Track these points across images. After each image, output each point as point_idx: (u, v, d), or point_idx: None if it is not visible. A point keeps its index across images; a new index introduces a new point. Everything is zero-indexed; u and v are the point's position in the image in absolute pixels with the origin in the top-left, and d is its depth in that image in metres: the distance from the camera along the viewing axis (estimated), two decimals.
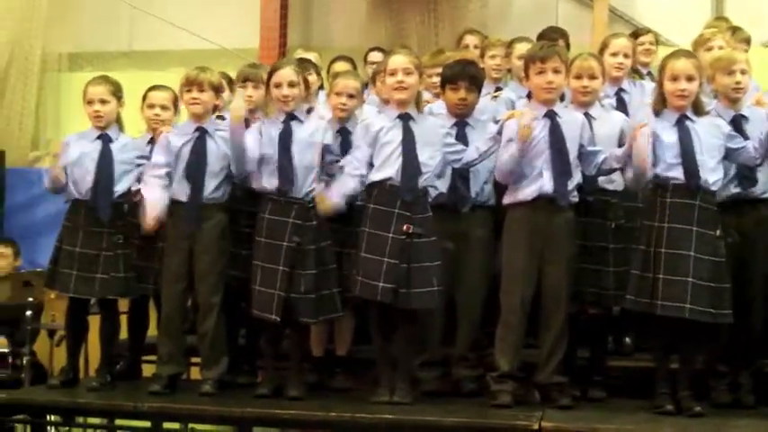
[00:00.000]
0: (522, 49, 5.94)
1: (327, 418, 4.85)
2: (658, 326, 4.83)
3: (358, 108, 5.57)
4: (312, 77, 5.88)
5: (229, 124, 5.21)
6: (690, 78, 4.81)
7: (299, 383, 5.20)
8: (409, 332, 5.08)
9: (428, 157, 5.05)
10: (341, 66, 6.45)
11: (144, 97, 5.81)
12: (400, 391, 5.00)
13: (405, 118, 5.07)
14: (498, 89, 6.11)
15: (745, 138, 4.93)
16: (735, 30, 6.36)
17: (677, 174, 4.78)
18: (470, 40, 6.78)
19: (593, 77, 5.17)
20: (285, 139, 5.18)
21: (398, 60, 5.10)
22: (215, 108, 5.51)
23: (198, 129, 5.35)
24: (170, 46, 9.05)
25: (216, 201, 5.32)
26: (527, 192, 4.93)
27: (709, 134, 4.84)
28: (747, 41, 6.33)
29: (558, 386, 4.93)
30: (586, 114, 5.14)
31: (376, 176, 5.03)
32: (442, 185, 5.28)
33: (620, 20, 8.96)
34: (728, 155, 4.89)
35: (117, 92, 5.54)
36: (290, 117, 5.23)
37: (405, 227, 4.93)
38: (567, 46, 6.27)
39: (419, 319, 5.12)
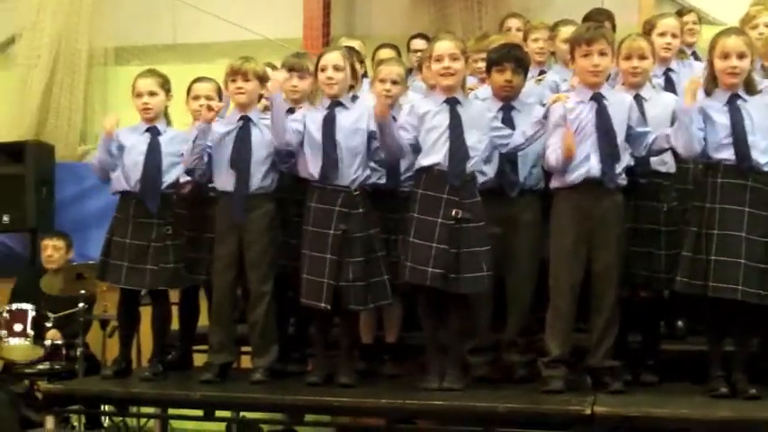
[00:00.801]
0: (566, 31, 5.88)
1: (378, 405, 4.85)
2: (711, 308, 4.78)
3: (402, 95, 5.55)
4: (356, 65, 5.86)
5: (268, 95, 5.24)
6: (741, 56, 4.73)
7: (349, 371, 5.21)
8: (459, 318, 5.07)
9: (476, 141, 5.04)
10: (385, 53, 6.44)
11: (189, 90, 5.85)
12: (451, 377, 5.00)
13: (452, 102, 5.06)
14: (542, 72, 6.07)
15: None
16: None
17: (728, 154, 4.71)
18: (513, 23, 6.74)
19: (642, 58, 5.10)
20: (329, 124, 5.18)
21: (444, 46, 5.08)
22: (260, 98, 5.52)
23: (242, 118, 5.37)
24: (213, 38, 9.08)
25: (263, 190, 5.34)
26: (574, 176, 4.90)
27: (762, 114, 4.77)
28: None
29: (610, 370, 4.89)
30: (637, 96, 5.09)
31: (424, 162, 5.03)
32: (490, 170, 5.26)
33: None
34: None
35: (165, 84, 5.59)
36: (335, 104, 5.23)
37: (453, 212, 4.92)
38: (613, 27, 6.20)
39: (469, 305, 5.11)
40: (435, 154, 5.00)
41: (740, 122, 4.72)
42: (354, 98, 5.42)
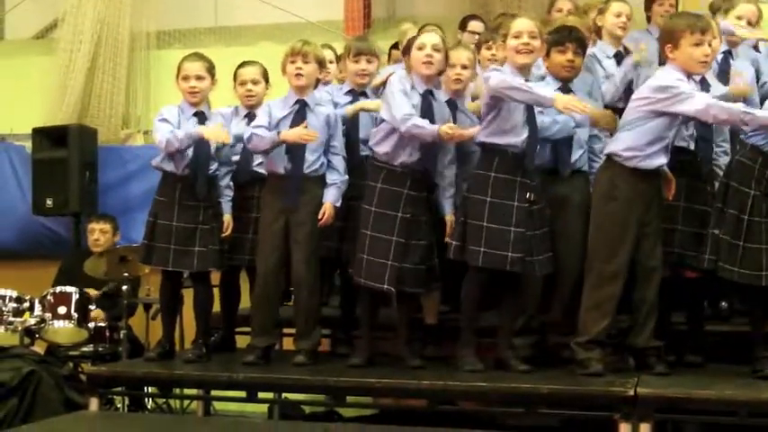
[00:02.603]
0: (618, 7, 5.91)
1: (420, 386, 4.85)
2: (755, 289, 4.73)
3: (472, 80, 5.52)
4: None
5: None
6: None
7: (415, 352, 5.25)
8: (516, 299, 5.11)
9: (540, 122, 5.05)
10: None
11: (235, 76, 5.86)
12: (512, 360, 5.03)
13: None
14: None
15: None
16: None
17: None
18: (564, 4, 6.67)
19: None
20: (428, 111, 5.17)
21: (524, 24, 5.03)
22: (317, 82, 5.53)
23: (298, 101, 5.38)
24: (255, 20, 9.08)
25: (314, 174, 5.35)
26: (656, 162, 4.83)
27: None
28: None
29: (655, 351, 4.86)
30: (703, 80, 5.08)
31: (500, 141, 4.99)
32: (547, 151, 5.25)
33: None
34: None
35: (211, 69, 5.60)
36: (429, 92, 5.22)
37: (528, 195, 4.94)
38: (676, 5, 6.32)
39: (523, 287, 5.11)
40: (515, 136, 4.97)
41: None
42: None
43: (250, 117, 5.70)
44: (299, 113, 5.37)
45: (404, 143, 5.12)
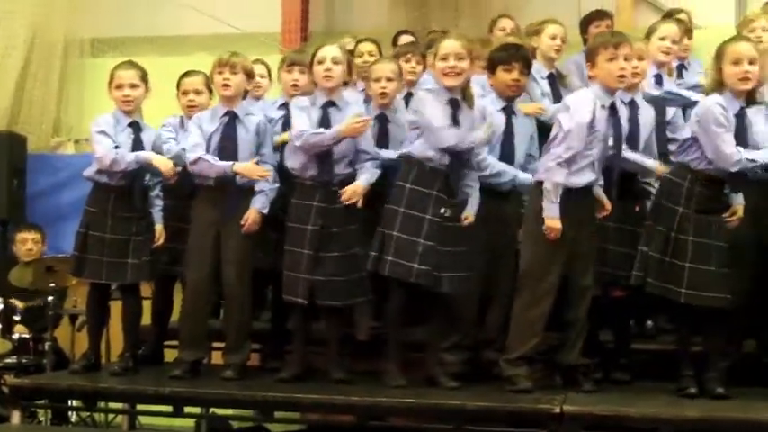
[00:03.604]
0: (553, 29, 6.01)
1: (349, 402, 4.84)
2: (681, 309, 4.80)
3: (399, 92, 5.52)
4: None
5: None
6: (752, 61, 4.70)
7: (339, 366, 5.21)
8: (440, 316, 5.11)
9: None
10: (366, 46, 6.39)
11: (178, 85, 5.83)
12: (441, 376, 5.02)
13: (453, 104, 5.03)
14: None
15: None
16: None
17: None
18: (506, 23, 6.71)
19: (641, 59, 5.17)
20: (325, 124, 5.16)
21: (451, 45, 5.04)
22: (245, 93, 5.50)
23: (227, 113, 5.35)
24: (192, 31, 9.04)
25: (245, 185, 5.31)
26: (579, 180, 4.85)
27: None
28: None
29: (583, 368, 4.89)
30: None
31: (419, 154, 5.01)
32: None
33: (643, 2, 8.88)
34: None
35: (144, 77, 5.53)
36: (329, 104, 5.20)
37: (442, 210, 4.95)
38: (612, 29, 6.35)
39: (450, 303, 5.12)
40: (434, 151, 4.98)
41: (744, 138, 4.71)
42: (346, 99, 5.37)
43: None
44: (229, 126, 5.33)
45: (310, 157, 5.12)
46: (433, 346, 5.12)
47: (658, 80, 5.71)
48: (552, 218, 4.75)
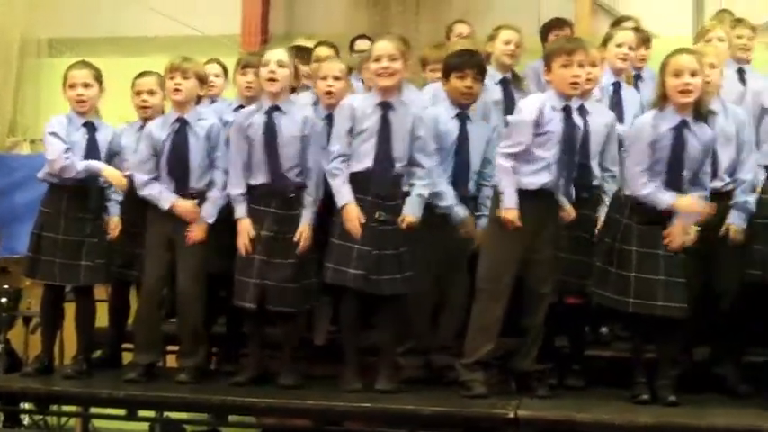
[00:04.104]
0: (507, 35, 6.02)
1: (303, 406, 4.84)
2: (634, 317, 4.84)
3: (346, 91, 5.49)
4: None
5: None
6: (693, 73, 4.73)
7: (291, 372, 5.18)
8: (391, 320, 5.09)
9: (403, 148, 5.05)
10: (323, 50, 6.41)
11: (132, 85, 5.78)
12: (383, 379, 5.00)
13: (384, 107, 5.04)
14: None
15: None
16: (739, 20, 6.34)
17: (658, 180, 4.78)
18: (462, 28, 6.74)
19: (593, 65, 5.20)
20: (270, 132, 5.12)
21: (383, 46, 5.07)
22: (198, 98, 5.46)
23: (178, 119, 5.31)
24: (152, 32, 9.00)
25: (199, 191, 5.29)
26: (530, 182, 4.88)
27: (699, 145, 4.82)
28: (753, 29, 6.29)
29: (538, 374, 4.91)
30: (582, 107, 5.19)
31: (353, 168, 5.02)
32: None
33: (602, 10, 8.97)
34: None
35: (98, 77, 5.48)
36: (274, 108, 5.17)
37: (377, 214, 4.95)
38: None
39: (401, 307, 5.11)
40: (365, 159, 5.00)
41: (680, 153, 4.76)
42: (292, 101, 5.34)
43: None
44: (179, 133, 5.29)
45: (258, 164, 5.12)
46: (386, 350, 5.11)
47: (616, 88, 5.75)
48: (507, 208, 4.79)
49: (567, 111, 4.90)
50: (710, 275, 4.97)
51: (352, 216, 4.92)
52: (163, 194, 5.25)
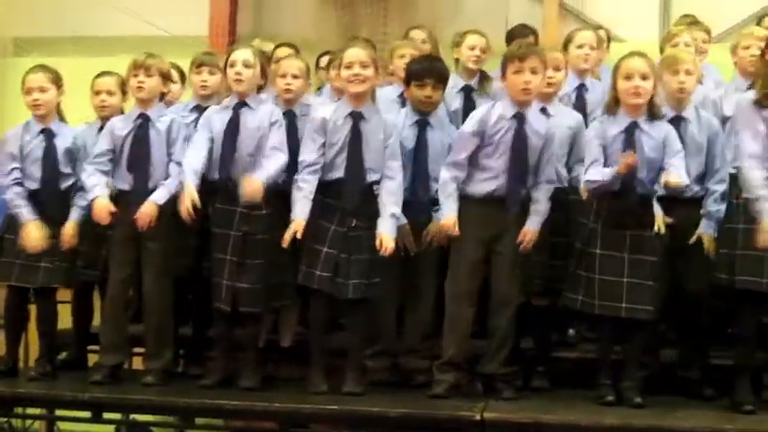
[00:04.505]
0: (472, 40, 5.97)
1: (270, 408, 4.83)
2: (602, 318, 4.88)
3: (304, 90, 5.50)
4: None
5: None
6: (644, 77, 4.78)
7: (253, 374, 5.17)
8: (357, 322, 5.10)
9: (375, 156, 5.04)
10: (283, 51, 6.38)
11: (92, 85, 5.73)
12: (350, 382, 5.00)
13: (355, 116, 5.03)
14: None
15: (681, 140, 4.92)
16: (695, 23, 6.38)
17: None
18: (417, 34, 6.57)
19: (557, 69, 5.19)
20: (233, 126, 5.13)
21: (354, 53, 5.06)
22: (162, 96, 5.44)
23: (141, 116, 5.29)
24: (118, 32, 8.96)
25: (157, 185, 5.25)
26: (481, 189, 4.93)
27: (654, 146, 4.84)
28: (708, 33, 6.35)
29: (503, 377, 4.94)
30: (543, 109, 5.18)
31: (325, 177, 5.03)
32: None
33: (570, 14, 9.03)
34: None
35: (56, 80, 5.43)
36: (241, 104, 5.17)
37: (349, 220, 4.97)
38: (536, 43, 6.36)
39: (367, 310, 5.11)
40: (337, 170, 5.01)
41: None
42: (260, 99, 5.33)
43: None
44: (141, 129, 5.26)
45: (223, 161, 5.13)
46: (354, 352, 5.12)
47: (580, 91, 5.73)
48: (445, 217, 4.88)
49: (518, 118, 4.90)
50: (679, 278, 5.00)
51: (297, 229, 4.91)
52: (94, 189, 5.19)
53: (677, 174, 4.73)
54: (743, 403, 4.64)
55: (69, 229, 5.37)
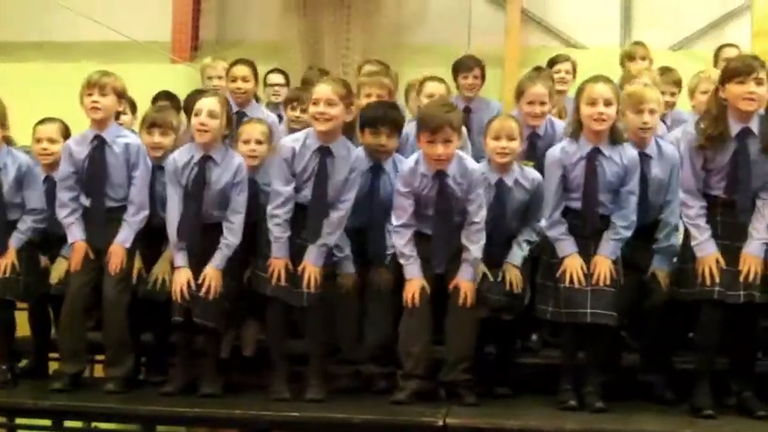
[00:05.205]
0: (430, 88, 5.86)
1: (232, 415, 4.82)
2: (566, 325, 4.91)
3: (269, 154, 5.35)
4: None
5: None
6: (608, 103, 4.80)
7: (214, 381, 5.14)
8: (318, 330, 5.09)
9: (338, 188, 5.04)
10: (241, 71, 6.32)
11: (33, 131, 5.66)
12: (312, 388, 5.00)
13: (323, 152, 5.01)
14: None
15: (645, 177, 5.00)
16: (665, 70, 6.28)
17: (576, 204, 4.90)
18: (369, 68, 6.51)
19: (512, 139, 5.08)
20: (200, 180, 5.07)
21: (321, 90, 5.01)
22: (117, 114, 5.39)
23: (96, 137, 5.22)
24: (81, 38, 8.92)
25: (120, 204, 5.22)
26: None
27: (614, 171, 4.89)
28: (678, 84, 6.21)
29: (465, 383, 4.95)
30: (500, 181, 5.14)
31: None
32: None
33: (532, 22, 9.08)
34: None
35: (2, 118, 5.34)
36: (206, 158, 5.10)
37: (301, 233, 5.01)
38: (483, 76, 6.46)
39: (327, 318, 5.13)
40: (303, 195, 5.02)
41: (593, 182, 4.84)
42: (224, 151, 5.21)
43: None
44: (97, 150, 5.20)
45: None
46: (315, 359, 5.11)
47: (532, 138, 5.65)
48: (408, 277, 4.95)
49: (439, 177, 4.91)
50: (642, 288, 5.07)
51: (279, 268, 4.94)
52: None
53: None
54: (702, 408, 4.68)
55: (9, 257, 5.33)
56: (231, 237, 5.09)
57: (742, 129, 4.68)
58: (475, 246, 4.94)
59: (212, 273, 5.03)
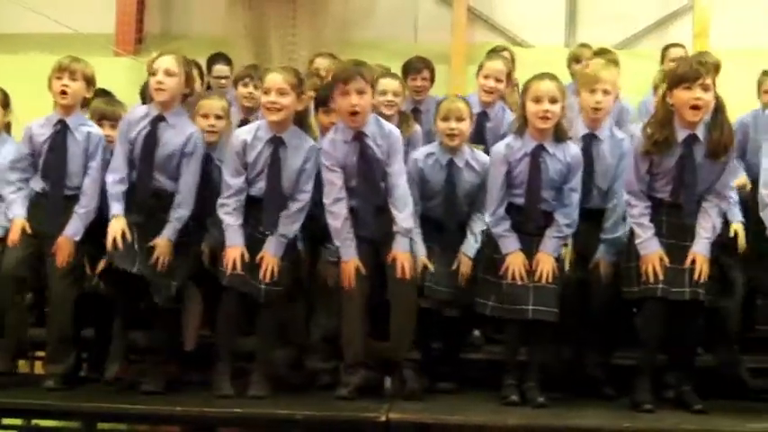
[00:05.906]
0: (383, 85, 5.70)
1: (174, 412, 4.77)
2: (509, 321, 4.94)
3: (227, 131, 5.36)
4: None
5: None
6: (553, 100, 4.84)
7: (157, 377, 5.08)
8: (266, 324, 5.06)
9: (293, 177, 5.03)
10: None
11: None
12: (256, 385, 4.97)
13: (276, 142, 4.99)
14: None
15: (589, 160, 5.04)
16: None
17: (520, 201, 4.95)
18: (320, 62, 6.49)
19: (461, 120, 5.11)
20: (150, 142, 5.03)
21: (272, 79, 4.99)
22: (84, 101, 5.31)
23: (59, 122, 5.17)
24: (25, 29, 8.82)
25: (75, 193, 5.16)
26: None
27: (558, 169, 4.95)
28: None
29: (411, 363, 4.99)
30: (451, 161, 5.17)
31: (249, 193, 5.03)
32: None
33: (478, 19, 9.13)
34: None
35: None
36: (159, 119, 5.06)
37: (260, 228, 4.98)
38: (432, 77, 6.46)
39: (275, 312, 5.09)
40: (257, 188, 5.00)
41: (536, 178, 4.89)
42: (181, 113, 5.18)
43: None
44: (59, 135, 5.15)
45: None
46: (261, 355, 5.08)
47: (481, 119, 5.75)
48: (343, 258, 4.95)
49: (359, 139, 4.93)
50: (586, 286, 5.12)
51: (234, 256, 4.90)
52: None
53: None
54: (642, 402, 4.74)
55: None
56: (181, 209, 5.05)
57: (688, 135, 4.73)
58: (402, 214, 4.95)
59: (163, 244, 4.98)
